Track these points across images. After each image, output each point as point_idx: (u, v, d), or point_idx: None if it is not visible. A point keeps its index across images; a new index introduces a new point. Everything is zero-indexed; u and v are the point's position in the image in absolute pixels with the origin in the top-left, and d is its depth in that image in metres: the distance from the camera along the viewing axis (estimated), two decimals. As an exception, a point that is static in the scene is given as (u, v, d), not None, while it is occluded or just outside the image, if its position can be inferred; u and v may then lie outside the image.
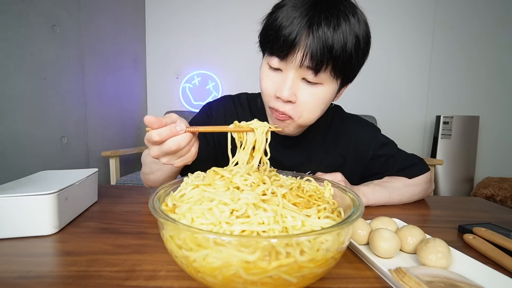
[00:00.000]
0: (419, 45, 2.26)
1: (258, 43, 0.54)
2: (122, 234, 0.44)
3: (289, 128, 0.55)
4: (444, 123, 2.13)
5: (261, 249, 0.23)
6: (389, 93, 2.31)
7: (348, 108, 0.75)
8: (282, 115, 0.51)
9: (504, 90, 2.26)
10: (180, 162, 0.44)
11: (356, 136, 0.66)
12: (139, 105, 2.29)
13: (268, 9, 0.55)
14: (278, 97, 0.49)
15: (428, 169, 0.67)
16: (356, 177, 0.66)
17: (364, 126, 0.69)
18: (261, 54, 0.56)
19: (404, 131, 2.31)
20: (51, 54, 1.38)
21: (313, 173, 0.62)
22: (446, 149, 2.13)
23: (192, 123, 0.65)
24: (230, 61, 2.27)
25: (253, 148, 0.44)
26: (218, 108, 0.67)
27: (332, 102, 0.60)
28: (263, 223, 0.26)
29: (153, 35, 2.32)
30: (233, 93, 0.72)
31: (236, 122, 0.44)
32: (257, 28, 0.53)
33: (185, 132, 0.41)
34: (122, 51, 2.02)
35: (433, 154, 2.17)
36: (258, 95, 0.68)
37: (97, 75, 1.74)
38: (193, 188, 0.33)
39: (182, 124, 0.41)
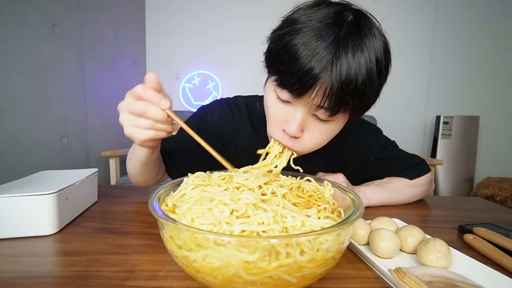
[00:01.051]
0: (419, 45, 2.26)
1: (264, 63, 0.46)
2: (122, 234, 0.44)
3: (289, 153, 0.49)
4: (444, 123, 2.13)
5: (261, 249, 0.23)
6: (389, 93, 2.29)
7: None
8: (289, 145, 0.46)
9: (504, 90, 2.26)
10: (132, 128, 0.40)
11: (357, 140, 0.65)
12: (139, 105, 2.29)
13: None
14: (284, 130, 0.45)
15: (429, 170, 0.67)
16: (357, 180, 0.65)
17: (365, 129, 0.66)
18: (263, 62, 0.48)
19: (404, 131, 2.31)
20: (51, 54, 1.38)
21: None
22: (446, 149, 2.13)
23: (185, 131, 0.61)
24: (230, 61, 2.27)
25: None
26: (213, 113, 0.63)
27: None
28: (263, 223, 0.26)
29: (153, 35, 2.32)
30: (233, 93, 0.70)
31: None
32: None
33: (164, 110, 0.39)
34: (122, 51, 2.02)
35: (433, 154, 2.17)
36: (256, 99, 0.66)
37: (97, 75, 1.74)
38: (193, 188, 0.33)
39: (168, 102, 0.40)
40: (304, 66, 0.36)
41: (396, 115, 2.30)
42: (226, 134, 0.62)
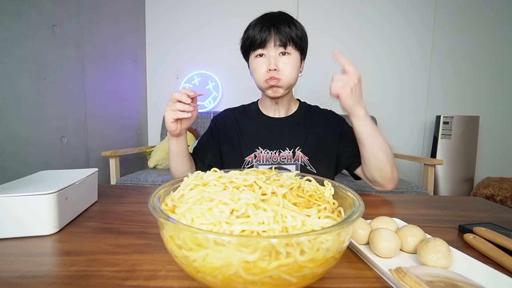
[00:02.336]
0: (419, 45, 2.26)
1: (242, 54, 0.79)
2: (122, 234, 0.44)
3: (279, 90, 0.74)
4: (444, 123, 2.13)
5: (261, 249, 0.23)
6: (389, 93, 2.31)
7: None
8: (275, 79, 0.71)
9: (504, 90, 2.26)
10: (165, 113, 0.64)
11: (329, 117, 0.85)
12: (139, 105, 2.29)
13: (268, 9, 0.75)
14: (269, 70, 0.70)
15: None
16: (334, 151, 0.80)
17: (335, 113, 0.87)
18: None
19: (404, 131, 2.31)
20: (51, 54, 1.38)
21: (302, 148, 0.78)
22: (446, 149, 2.13)
23: (205, 134, 0.87)
24: (230, 61, 2.27)
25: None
26: (220, 118, 0.87)
27: (306, 101, 0.88)
28: (263, 223, 0.26)
29: (153, 35, 2.32)
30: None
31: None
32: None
33: (189, 97, 0.63)
34: (122, 51, 2.02)
35: (433, 154, 2.17)
36: (252, 103, 0.89)
37: (97, 75, 1.74)
38: (191, 189, 0.33)
39: (190, 91, 0.64)
40: (259, 32, 0.71)
41: (396, 115, 2.30)
42: (230, 128, 0.85)
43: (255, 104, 0.88)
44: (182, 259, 0.26)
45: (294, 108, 0.85)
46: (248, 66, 0.79)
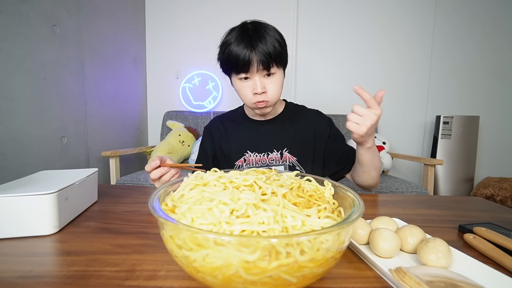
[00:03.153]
0: (419, 45, 2.26)
1: (222, 70, 0.78)
2: (122, 234, 0.44)
3: (267, 109, 0.76)
4: (444, 123, 2.12)
5: (261, 249, 0.23)
6: (389, 93, 2.30)
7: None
8: (263, 102, 0.73)
9: (504, 90, 2.26)
10: (159, 185, 0.64)
11: (317, 118, 0.86)
12: (139, 105, 2.29)
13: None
14: (256, 93, 0.71)
15: None
16: (321, 151, 0.82)
17: (322, 113, 0.88)
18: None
19: (404, 131, 2.31)
20: (51, 54, 1.38)
21: (289, 149, 0.80)
22: (446, 149, 2.13)
23: (201, 143, 0.90)
24: (230, 61, 2.27)
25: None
26: (210, 127, 0.90)
27: (292, 102, 0.89)
28: (263, 223, 0.26)
29: (153, 35, 2.32)
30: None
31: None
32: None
33: (158, 166, 0.62)
34: (122, 51, 2.02)
35: (433, 154, 2.17)
36: (238, 108, 0.92)
37: (97, 75, 1.74)
38: (191, 189, 0.33)
39: (158, 159, 0.62)
40: (241, 56, 0.68)
41: (396, 115, 2.30)
42: (218, 136, 0.88)
43: (241, 109, 0.90)
44: (182, 259, 0.26)
45: (280, 109, 0.86)
46: (231, 82, 0.78)
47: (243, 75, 0.71)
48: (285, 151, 0.80)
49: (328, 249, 0.25)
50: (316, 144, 0.82)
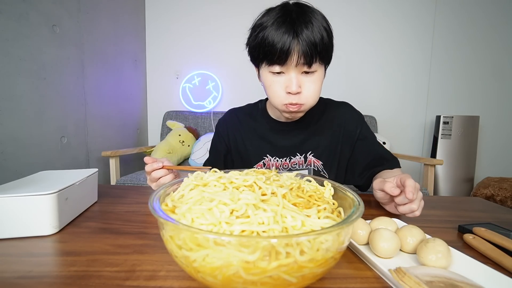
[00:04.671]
0: (419, 45, 2.26)
1: (250, 58, 0.65)
2: (122, 234, 0.44)
3: (299, 114, 0.66)
4: (444, 123, 2.12)
5: (261, 249, 0.23)
6: (389, 93, 2.31)
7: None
8: (296, 106, 0.61)
9: (504, 90, 2.26)
10: (155, 186, 0.61)
11: (345, 116, 0.76)
12: (139, 105, 2.29)
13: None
14: (289, 93, 0.59)
15: None
16: (348, 153, 0.74)
17: (354, 111, 0.78)
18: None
19: (404, 131, 2.31)
20: (51, 54, 1.38)
21: (314, 152, 0.72)
22: (446, 149, 2.13)
23: (213, 141, 0.83)
24: (230, 61, 2.27)
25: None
26: (223, 122, 0.81)
27: (323, 97, 0.76)
28: (263, 223, 0.26)
29: (153, 35, 2.32)
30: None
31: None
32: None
33: (161, 167, 0.60)
34: (122, 51, 2.02)
35: (433, 154, 2.17)
36: (259, 102, 0.81)
37: (97, 75, 1.74)
38: (191, 190, 0.33)
39: (160, 162, 0.59)
40: (279, 44, 0.55)
41: (396, 115, 2.30)
42: (233, 133, 0.79)
43: (262, 104, 0.79)
44: (182, 259, 0.26)
45: None
46: (258, 74, 0.66)
47: (277, 68, 0.58)
48: (309, 155, 0.72)
49: (327, 249, 0.25)
50: (344, 147, 0.73)
